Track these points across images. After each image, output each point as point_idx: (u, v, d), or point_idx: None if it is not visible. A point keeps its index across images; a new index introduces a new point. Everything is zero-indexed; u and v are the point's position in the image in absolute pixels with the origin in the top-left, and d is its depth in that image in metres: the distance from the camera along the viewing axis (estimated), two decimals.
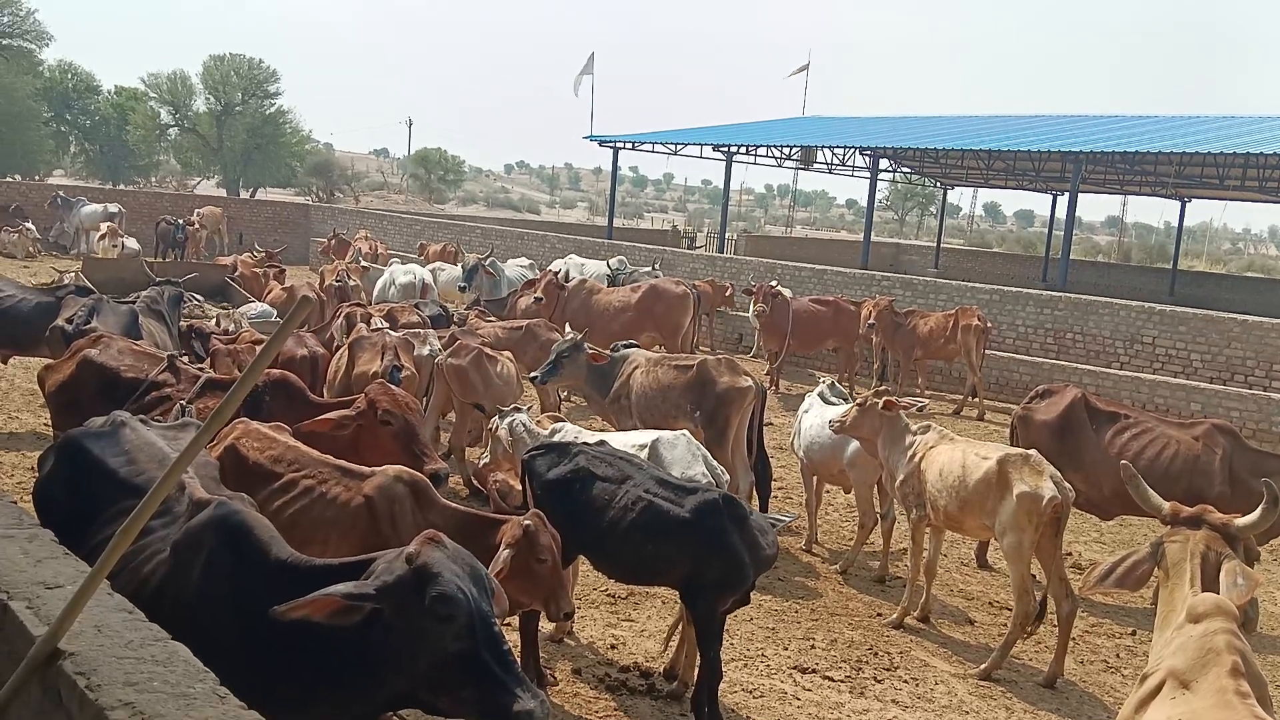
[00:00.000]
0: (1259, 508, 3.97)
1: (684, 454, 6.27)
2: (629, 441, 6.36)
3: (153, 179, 53.17)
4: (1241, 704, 2.94)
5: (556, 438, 6.24)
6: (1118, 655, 7.12)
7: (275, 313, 12.22)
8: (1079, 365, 15.84)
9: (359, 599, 3.10)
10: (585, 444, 5.78)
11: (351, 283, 14.77)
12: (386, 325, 10.18)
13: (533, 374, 9.05)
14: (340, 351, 8.31)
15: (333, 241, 23.18)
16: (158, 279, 11.69)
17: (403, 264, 17.84)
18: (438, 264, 17.66)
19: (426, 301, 14.26)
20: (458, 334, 10.75)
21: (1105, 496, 8.11)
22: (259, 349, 8.00)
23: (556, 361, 8.94)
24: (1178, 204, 37.55)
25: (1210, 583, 3.72)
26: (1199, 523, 3.90)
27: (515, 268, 18.00)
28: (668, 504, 5.22)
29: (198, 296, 11.97)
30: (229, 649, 3.11)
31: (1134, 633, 7.49)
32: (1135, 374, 15.26)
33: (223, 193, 46.55)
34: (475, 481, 8.71)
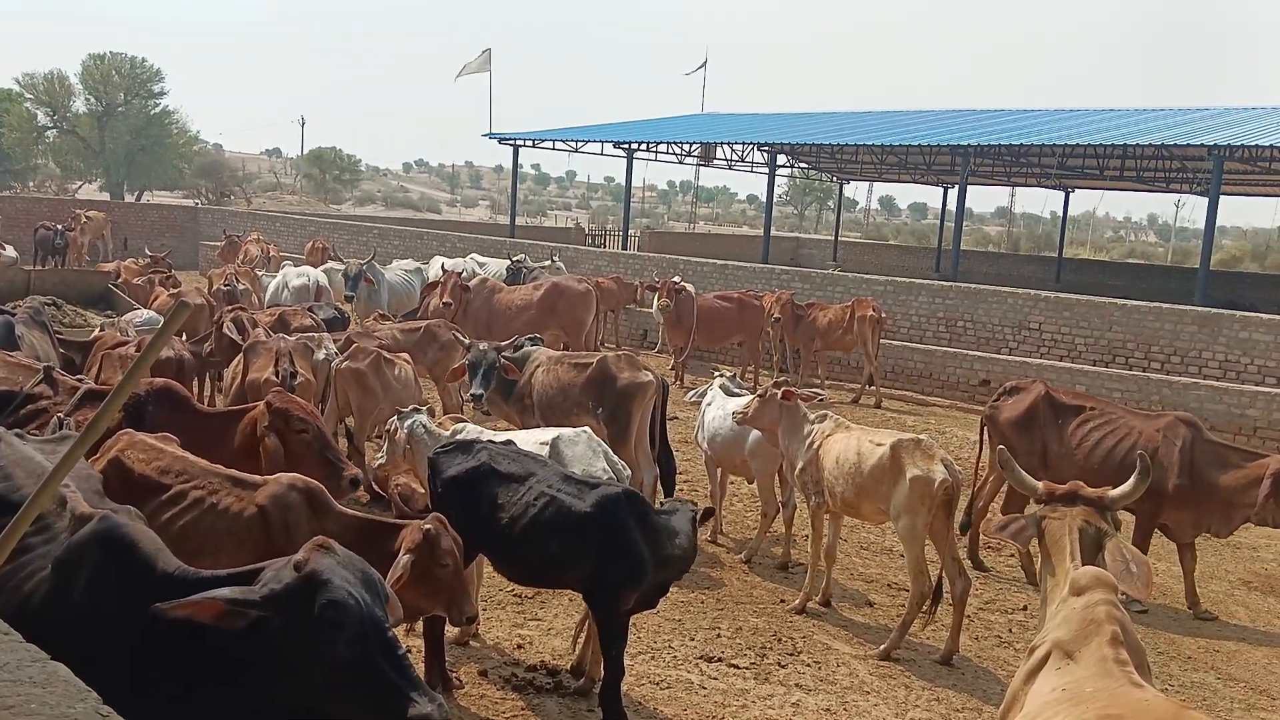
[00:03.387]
0: (1131, 478, 4.15)
1: (585, 451, 6.27)
2: (531, 439, 6.35)
3: (30, 183, 50.83)
4: (1120, 671, 3.08)
5: (458, 438, 6.18)
6: (1010, 630, 7.38)
7: (163, 319, 11.79)
8: (971, 352, 16.37)
9: (244, 604, 3.04)
10: (490, 442, 5.75)
11: (240, 286, 14.36)
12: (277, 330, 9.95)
13: (475, 393, 8.57)
14: (236, 359, 8.06)
15: (224, 244, 22.52)
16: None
17: (295, 266, 17.39)
18: (331, 264, 17.24)
19: (321, 304, 13.96)
20: (354, 337, 10.56)
21: None
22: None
23: (488, 374, 8.55)
24: (1062, 194, 39.04)
25: (1089, 555, 3.88)
26: (1074, 499, 4.06)
27: (398, 271, 17.51)
28: (570, 499, 5.22)
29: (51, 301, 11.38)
30: (115, 666, 3.01)
31: (1025, 609, 7.77)
32: (1023, 359, 15.84)
33: (106, 196, 44.79)
34: (375, 486, 8.56)
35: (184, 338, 9.72)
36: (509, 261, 18.37)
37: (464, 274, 15.74)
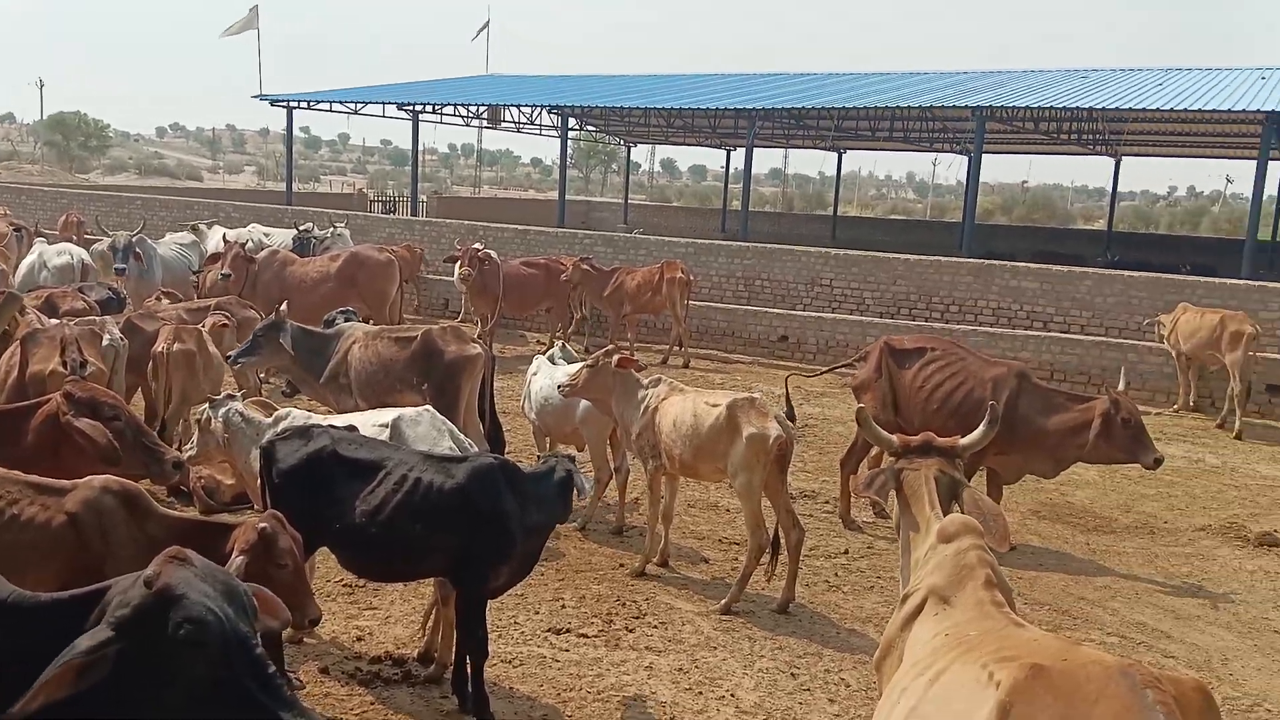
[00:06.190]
0: (980, 426, 4.35)
1: (429, 430, 5.97)
2: (366, 421, 5.99)
3: None
4: (999, 613, 3.20)
5: (283, 425, 5.76)
6: (836, 574, 7.69)
7: None
8: (769, 309, 16.92)
9: (98, 650, 2.69)
10: (333, 427, 5.36)
11: None
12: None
13: (228, 355, 8.29)
14: (9, 349, 7.16)
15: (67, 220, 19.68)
16: None
17: (50, 244, 15.72)
18: (101, 240, 15.72)
19: (90, 284, 12.72)
20: (135, 319, 9.68)
21: (916, 430, 8.17)
22: None
23: (254, 342, 8.25)
24: (833, 155, 40.90)
25: (945, 504, 4.03)
26: (928, 450, 4.20)
27: (172, 245, 16.11)
28: (438, 477, 4.94)
29: None
30: None
31: (846, 552, 8.12)
32: (818, 314, 16.54)
33: None
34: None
35: None
36: (295, 231, 17.39)
37: (249, 245, 14.78)
